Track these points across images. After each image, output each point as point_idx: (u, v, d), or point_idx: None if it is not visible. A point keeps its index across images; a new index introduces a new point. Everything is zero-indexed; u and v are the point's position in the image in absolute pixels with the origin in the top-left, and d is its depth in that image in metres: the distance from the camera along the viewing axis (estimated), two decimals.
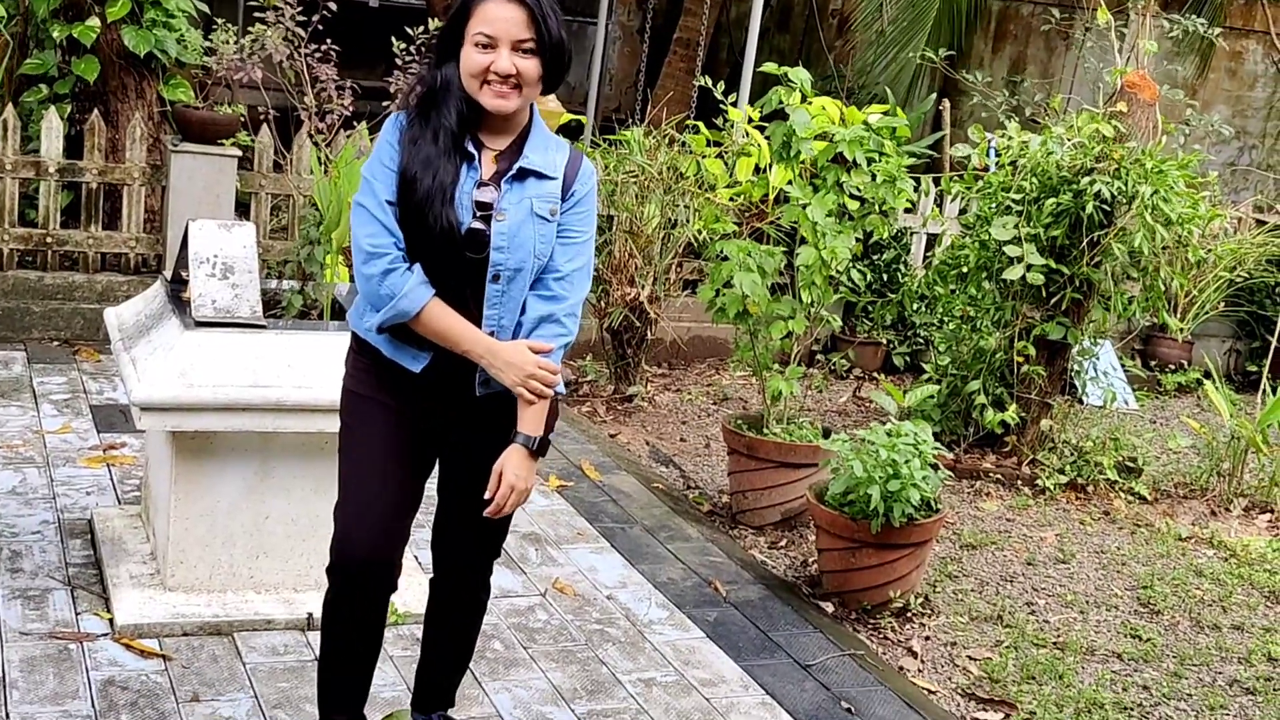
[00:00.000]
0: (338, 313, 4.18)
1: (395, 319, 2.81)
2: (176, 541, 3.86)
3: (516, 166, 2.84)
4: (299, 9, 4.11)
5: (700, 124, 6.89)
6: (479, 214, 2.80)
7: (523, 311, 2.88)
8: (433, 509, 3.15)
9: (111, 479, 4.90)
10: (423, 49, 4.18)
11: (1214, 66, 10.47)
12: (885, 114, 5.43)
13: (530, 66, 2.75)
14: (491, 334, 2.85)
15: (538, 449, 2.88)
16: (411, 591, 4.13)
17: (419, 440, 2.97)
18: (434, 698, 3.32)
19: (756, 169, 6.70)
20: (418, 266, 2.80)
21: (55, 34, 6.93)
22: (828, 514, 4.59)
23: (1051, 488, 6.11)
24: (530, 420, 2.86)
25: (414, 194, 2.76)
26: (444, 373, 2.88)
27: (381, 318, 2.82)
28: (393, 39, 4.40)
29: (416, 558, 4.47)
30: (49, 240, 6.72)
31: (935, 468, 4.56)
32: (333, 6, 4.14)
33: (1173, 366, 8.82)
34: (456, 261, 2.80)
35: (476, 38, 2.74)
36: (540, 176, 2.86)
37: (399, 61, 4.25)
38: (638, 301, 6.79)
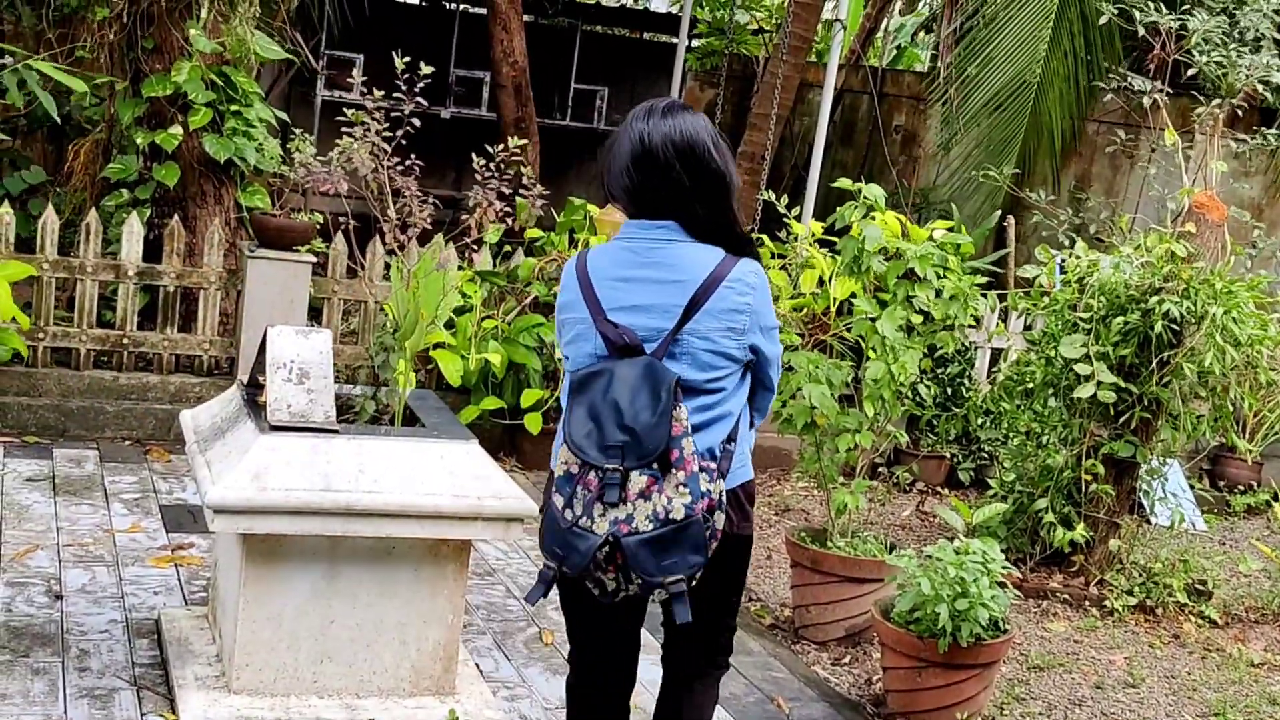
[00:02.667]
0: (408, 419, 4.23)
1: None
2: (243, 644, 3.88)
3: None
4: (385, 125, 4.22)
5: (764, 236, 6.96)
6: None
7: None
8: None
9: (179, 579, 4.94)
10: (501, 165, 4.27)
11: None
12: (949, 230, 5.46)
13: None
14: None
15: None
16: (472, 700, 4.11)
17: None
18: None
19: (820, 281, 6.75)
20: None
21: (139, 140, 7.14)
22: (894, 632, 4.54)
23: (1120, 609, 6.01)
24: None
25: None
26: None
27: None
28: (472, 154, 4.50)
29: (478, 666, 4.46)
30: (125, 341, 6.87)
31: (1003, 586, 4.51)
32: (416, 123, 4.25)
33: (1241, 488, 8.67)
34: None
35: None
36: None
37: (478, 176, 4.34)
38: None
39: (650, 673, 3.51)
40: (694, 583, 2.81)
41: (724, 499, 2.86)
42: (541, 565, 2.91)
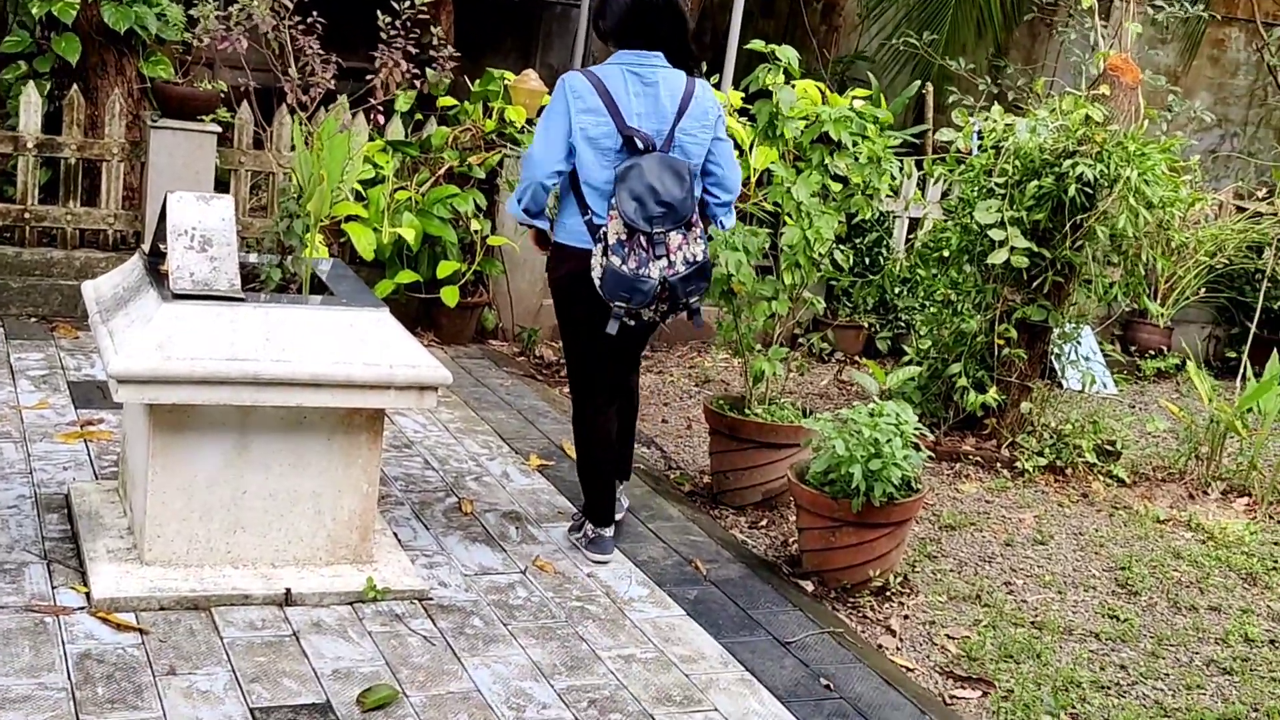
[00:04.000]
0: (317, 286, 4.16)
1: None
2: (154, 515, 3.84)
3: None
4: None
5: None
6: None
7: None
8: None
9: (89, 454, 4.87)
10: (408, 24, 4.15)
11: (1197, 54, 10.48)
12: (868, 99, 5.42)
13: None
14: None
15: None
16: (390, 568, 4.11)
17: None
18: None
19: (739, 151, 6.69)
20: None
21: (34, 11, 6.85)
22: (808, 493, 4.59)
23: (1030, 470, 6.13)
24: None
25: None
26: None
27: None
28: (378, 11, 4.37)
29: (396, 535, 4.46)
30: (27, 216, 6.67)
31: (916, 448, 4.56)
32: None
33: (1152, 352, 8.84)
34: None
35: None
36: None
37: (383, 35, 4.21)
38: None
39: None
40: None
41: None
42: (613, 309, 4.07)
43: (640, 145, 4.07)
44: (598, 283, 4.07)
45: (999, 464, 6.23)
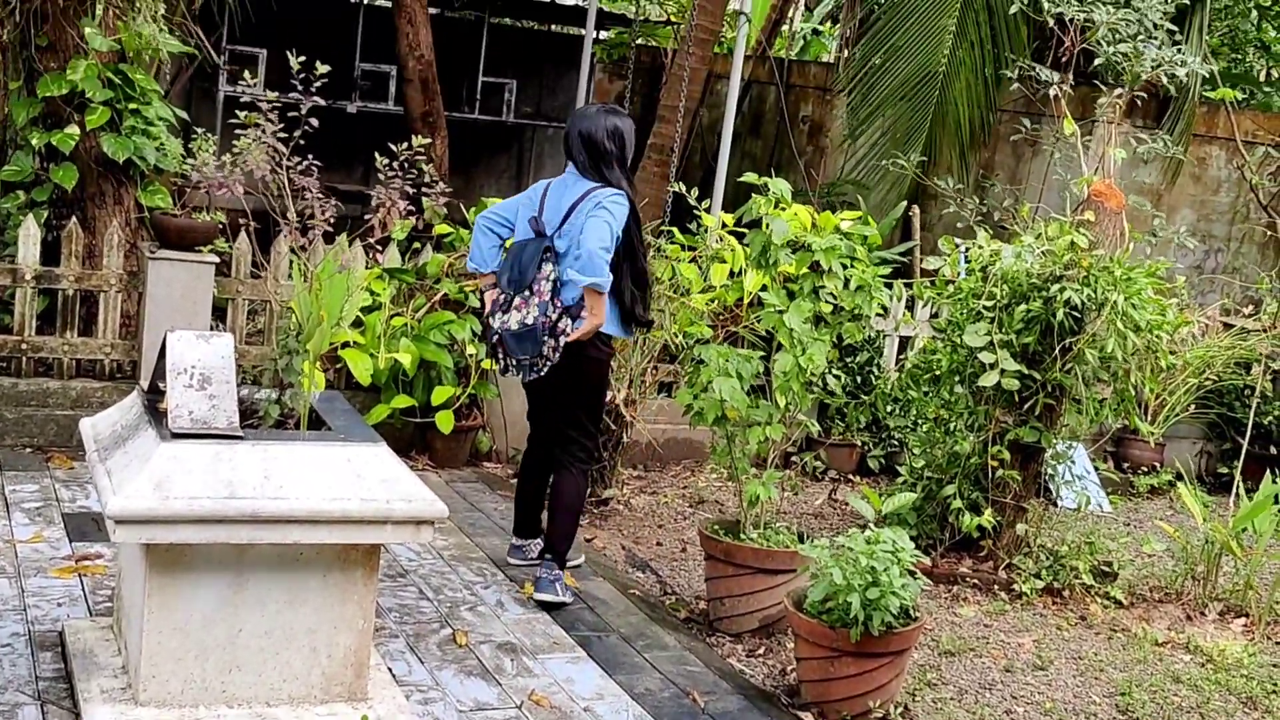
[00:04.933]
0: (315, 422, 4.18)
1: None
2: (150, 655, 3.81)
3: None
4: (280, 125, 4.16)
5: (674, 229, 6.96)
6: None
7: None
8: None
9: (84, 589, 4.84)
10: (405, 165, 4.23)
11: (1179, 173, 10.66)
12: (857, 221, 5.51)
13: None
14: None
15: None
16: (385, 706, 4.08)
17: None
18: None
19: (731, 273, 6.77)
20: None
21: (34, 141, 6.96)
22: (806, 623, 4.57)
23: (1028, 592, 6.11)
24: None
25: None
26: None
27: None
28: (375, 154, 4.46)
29: (391, 670, 4.43)
30: (24, 346, 6.71)
31: (913, 574, 4.56)
32: (314, 122, 4.19)
33: (1145, 469, 8.86)
34: None
35: None
36: None
37: (381, 176, 4.29)
38: (614, 404, 6.81)
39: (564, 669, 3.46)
40: (544, 371, 5.09)
41: (566, 326, 5.05)
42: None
43: (537, 231, 5.19)
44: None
45: (996, 586, 6.21)
